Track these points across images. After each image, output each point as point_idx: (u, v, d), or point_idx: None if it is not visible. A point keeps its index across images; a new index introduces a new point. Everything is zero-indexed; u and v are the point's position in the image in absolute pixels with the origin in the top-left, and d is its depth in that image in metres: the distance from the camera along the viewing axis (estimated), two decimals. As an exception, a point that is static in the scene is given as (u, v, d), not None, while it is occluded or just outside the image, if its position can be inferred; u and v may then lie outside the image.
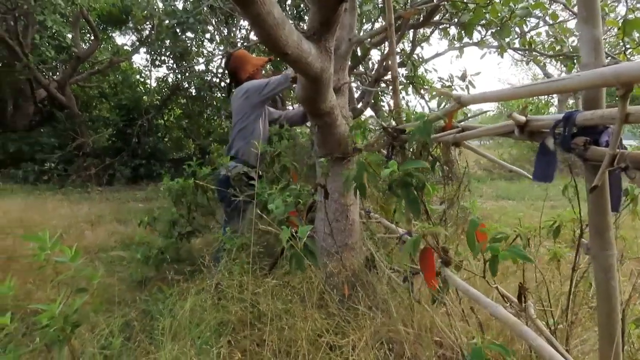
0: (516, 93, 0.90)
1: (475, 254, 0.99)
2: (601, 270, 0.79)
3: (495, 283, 1.14)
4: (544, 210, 2.26)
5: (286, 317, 1.86)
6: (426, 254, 1.07)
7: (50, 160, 8.83)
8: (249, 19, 1.41)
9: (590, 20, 0.74)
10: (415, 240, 1.03)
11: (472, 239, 0.97)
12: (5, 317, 1.60)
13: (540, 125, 0.87)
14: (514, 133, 0.94)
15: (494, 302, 1.10)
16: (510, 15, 3.81)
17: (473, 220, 0.98)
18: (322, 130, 2.31)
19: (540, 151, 0.82)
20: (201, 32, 8.16)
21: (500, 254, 0.93)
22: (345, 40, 2.47)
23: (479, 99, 0.99)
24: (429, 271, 1.09)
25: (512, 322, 0.98)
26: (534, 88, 0.82)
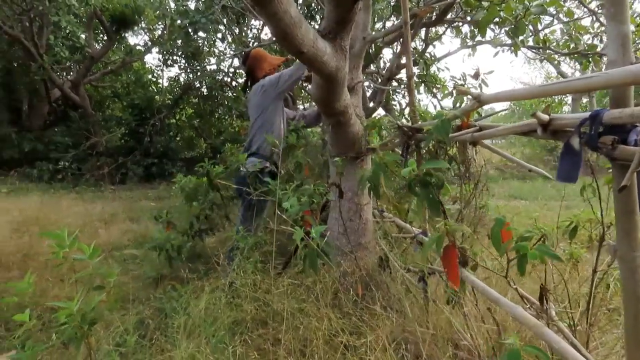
0: (542, 91, 0.89)
1: (501, 254, 0.97)
2: (629, 271, 0.78)
3: (515, 284, 1.12)
4: (557, 211, 2.23)
5: (301, 317, 1.86)
6: (449, 253, 1.06)
7: (64, 159, 8.95)
8: (265, 18, 1.41)
9: (618, 17, 0.72)
10: (438, 238, 1.02)
11: (497, 238, 0.96)
12: (24, 314, 1.62)
13: (564, 123, 0.86)
14: (536, 132, 0.93)
15: (514, 304, 1.08)
16: (525, 12, 3.76)
17: (499, 219, 0.97)
18: (336, 129, 2.31)
19: (564, 151, 0.80)
20: (213, 32, 8.20)
21: (529, 253, 0.91)
22: (359, 39, 2.46)
23: (500, 97, 0.97)
24: (452, 270, 1.07)
25: (533, 323, 0.97)
26: (562, 86, 0.80)
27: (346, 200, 2.38)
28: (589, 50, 4.61)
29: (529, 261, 1.04)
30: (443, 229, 1.02)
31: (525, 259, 0.93)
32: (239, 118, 10.27)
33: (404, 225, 2.29)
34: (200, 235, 3.41)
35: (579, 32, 4.87)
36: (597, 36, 5.35)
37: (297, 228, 1.75)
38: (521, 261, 0.93)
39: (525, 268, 0.93)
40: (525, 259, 0.93)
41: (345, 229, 2.31)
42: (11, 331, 2.37)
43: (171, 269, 3.13)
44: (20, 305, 2.39)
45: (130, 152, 9.66)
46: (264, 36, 8.64)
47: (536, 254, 0.91)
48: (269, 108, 2.97)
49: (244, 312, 1.99)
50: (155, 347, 1.97)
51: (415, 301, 1.99)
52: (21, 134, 9.57)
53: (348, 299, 1.98)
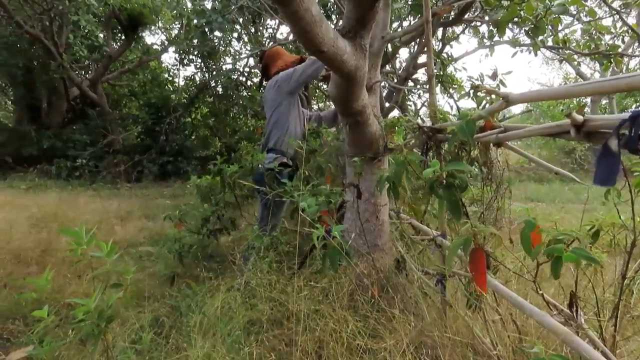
0: (577, 91, 0.85)
1: (533, 257, 0.94)
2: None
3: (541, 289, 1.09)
4: (575, 214, 2.18)
5: (317, 318, 1.84)
6: (477, 256, 1.02)
7: (82, 157, 9.08)
8: (286, 16, 1.40)
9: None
10: (465, 241, 0.99)
11: (527, 240, 0.92)
12: (43, 311, 1.64)
13: (600, 125, 0.82)
14: (567, 133, 0.89)
15: (540, 310, 1.05)
16: (546, 12, 3.69)
17: (529, 221, 0.93)
18: (353, 129, 2.28)
19: (602, 153, 0.77)
20: (229, 32, 8.23)
21: (564, 256, 0.87)
22: (378, 38, 2.43)
23: (530, 97, 0.94)
24: (480, 274, 1.04)
25: (561, 331, 0.93)
26: (598, 86, 0.77)
27: (362, 201, 2.36)
28: (611, 51, 4.51)
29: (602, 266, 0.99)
30: (470, 231, 0.99)
31: (560, 262, 0.89)
32: (254, 117, 10.31)
33: (421, 226, 2.26)
34: (215, 234, 3.42)
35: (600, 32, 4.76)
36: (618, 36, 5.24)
37: (319, 226, 1.73)
38: (555, 264, 0.89)
39: (559, 271, 0.90)
40: (560, 261, 0.89)
41: (363, 229, 2.29)
42: (29, 326, 2.40)
43: (183, 267, 3.14)
44: (38, 300, 2.43)
45: (146, 150, 9.77)
46: (280, 36, 8.65)
47: (573, 256, 0.87)
48: (282, 104, 2.96)
49: (260, 312, 1.98)
50: (170, 345, 1.97)
51: (433, 304, 1.95)
52: (40, 131, 9.74)
53: (365, 301, 1.96)
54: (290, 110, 2.96)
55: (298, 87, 2.97)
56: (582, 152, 13.83)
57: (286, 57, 3.19)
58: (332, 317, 1.82)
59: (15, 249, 3.55)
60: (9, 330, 2.43)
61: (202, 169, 9.15)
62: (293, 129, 2.93)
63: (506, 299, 1.20)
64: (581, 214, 2.14)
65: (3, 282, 2.96)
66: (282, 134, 2.90)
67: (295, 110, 3.00)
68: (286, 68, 3.09)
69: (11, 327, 2.44)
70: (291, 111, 2.96)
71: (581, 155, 13.80)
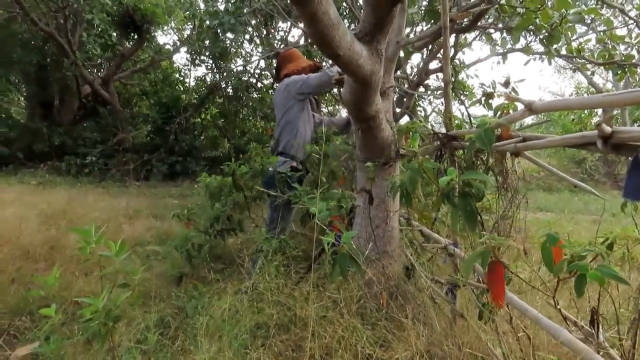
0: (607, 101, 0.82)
1: (556, 274, 0.91)
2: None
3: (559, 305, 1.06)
4: (585, 225, 2.14)
5: (324, 324, 1.82)
6: (496, 268, 0.99)
7: (91, 154, 9.14)
8: (304, 19, 1.38)
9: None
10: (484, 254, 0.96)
11: (549, 255, 0.89)
12: (50, 309, 1.63)
13: (629, 137, 0.80)
14: (593, 145, 0.87)
15: (558, 325, 1.02)
16: (561, 20, 3.65)
17: (551, 235, 0.90)
18: (366, 134, 2.26)
19: (633, 166, 0.74)
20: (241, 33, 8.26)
21: (589, 273, 0.84)
22: (393, 43, 2.41)
23: (554, 106, 0.91)
24: (498, 288, 1.01)
25: (581, 349, 0.90)
26: (629, 96, 0.74)
27: (373, 207, 2.33)
28: (626, 61, 4.45)
29: (630, 285, 0.96)
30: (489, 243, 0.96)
31: (585, 280, 0.86)
32: (263, 119, 10.32)
33: (432, 234, 2.23)
34: (222, 235, 3.40)
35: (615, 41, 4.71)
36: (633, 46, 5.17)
37: (329, 231, 1.71)
38: (580, 282, 0.86)
39: (583, 290, 0.86)
40: (585, 279, 0.86)
41: (373, 235, 2.26)
42: (36, 322, 2.40)
43: (192, 267, 3.13)
44: (45, 297, 2.43)
45: (155, 149, 9.81)
46: (291, 38, 8.67)
47: (598, 274, 0.84)
48: (293, 108, 2.95)
49: (267, 316, 1.96)
50: (176, 347, 1.96)
51: (442, 314, 1.92)
52: (51, 128, 9.82)
53: (373, 309, 1.93)
54: (300, 114, 2.96)
55: (307, 95, 2.97)
56: (592, 162, 13.68)
57: (299, 60, 3.17)
58: (340, 323, 1.79)
59: (25, 245, 3.57)
60: (16, 326, 2.43)
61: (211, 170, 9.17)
62: (303, 133, 2.92)
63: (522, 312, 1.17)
64: (590, 225, 2.10)
65: (11, 277, 2.97)
66: (291, 138, 2.90)
67: (305, 114, 2.99)
68: (297, 72, 3.08)
69: (18, 323, 2.44)
70: (301, 115, 2.96)
71: (591, 166, 13.65)
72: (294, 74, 3.05)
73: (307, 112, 3.02)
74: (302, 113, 2.97)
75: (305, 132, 2.93)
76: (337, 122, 3.25)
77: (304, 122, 2.96)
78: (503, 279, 1.00)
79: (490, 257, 0.96)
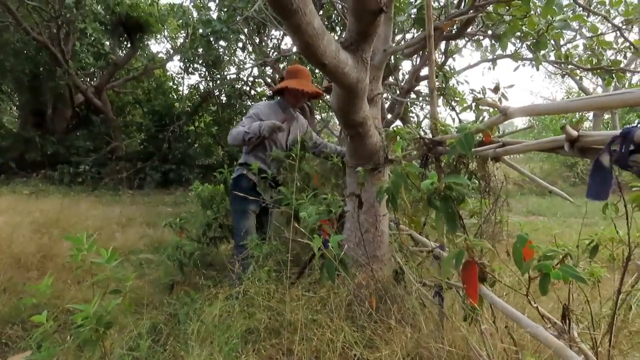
0: (573, 106, 0.86)
1: (523, 272, 0.95)
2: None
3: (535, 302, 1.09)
4: (577, 228, 2.18)
5: (314, 327, 1.84)
6: (469, 269, 1.03)
7: (84, 163, 9.13)
8: (289, 29, 1.42)
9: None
10: (458, 253, 1.00)
11: (519, 255, 0.93)
12: (42, 316, 1.64)
13: (593, 140, 0.84)
14: (562, 148, 0.91)
15: (535, 323, 1.05)
16: (548, 27, 3.73)
17: (521, 236, 0.94)
18: (354, 140, 2.30)
19: (594, 168, 0.78)
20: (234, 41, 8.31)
21: (552, 273, 0.89)
22: (380, 51, 2.46)
23: (528, 111, 0.95)
24: (472, 286, 1.05)
25: (555, 344, 0.94)
26: (592, 101, 0.79)
27: (363, 212, 2.37)
28: (612, 66, 4.54)
29: (588, 284, 1.00)
30: (463, 244, 1.00)
31: (548, 279, 0.90)
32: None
33: (421, 238, 2.27)
34: (215, 242, 3.43)
35: (602, 47, 4.80)
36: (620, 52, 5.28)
37: (316, 236, 1.74)
38: (543, 280, 0.91)
39: (547, 288, 0.91)
40: (548, 278, 0.90)
41: (361, 240, 2.29)
42: (28, 331, 2.41)
43: (183, 275, 3.15)
44: (37, 306, 2.43)
45: (149, 157, 9.81)
46: (284, 46, 8.73)
47: (559, 274, 0.88)
48: None
49: (257, 320, 1.98)
50: (168, 353, 1.98)
51: (431, 316, 1.95)
52: (44, 137, 9.80)
53: (362, 312, 1.96)
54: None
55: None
56: (584, 166, 13.82)
57: (302, 82, 3.03)
58: (329, 327, 1.82)
59: (17, 254, 3.56)
60: (8, 335, 2.43)
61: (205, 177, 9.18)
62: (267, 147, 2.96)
63: (502, 311, 1.20)
64: (583, 228, 2.15)
65: (3, 286, 2.97)
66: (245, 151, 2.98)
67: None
68: (274, 91, 3.14)
69: (10, 332, 2.44)
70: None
71: (583, 170, 13.79)
72: (288, 92, 3.03)
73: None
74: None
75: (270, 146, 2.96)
76: (330, 148, 3.23)
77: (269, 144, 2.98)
78: (477, 278, 1.04)
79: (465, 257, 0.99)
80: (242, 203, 2.78)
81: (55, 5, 8.32)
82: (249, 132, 2.78)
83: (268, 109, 3.02)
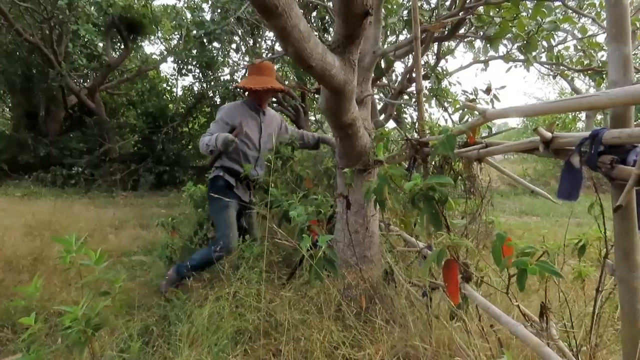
0: (542, 109, 0.89)
1: (501, 269, 0.97)
2: (627, 292, 0.77)
3: (517, 301, 1.11)
4: (569, 228, 2.22)
5: (302, 328, 1.86)
6: (450, 267, 1.05)
7: (78, 165, 9.08)
8: (274, 32, 1.44)
9: (619, 38, 0.73)
10: (439, 253, 1.02)
11: (498, 253, 0.95)
12: (30, 318, 1.65)
13: (566, 142, 0.86)
14: (538, 149, 0.93)
15: (515, 321, 1.07)
16: (538, 29, 3.77)
17: (500, 234, 0.96)
18: (344, 141, 2.32)
19: (565, 169, 0.80)
20: (227, 43, 8.31)
21: (528, 268, 0.90)
22: (369, 53, 2.48)
23: (504, 113, 0.97)
24: (452, 285, 1.07)
25: (533, 342, 0.96)
26: (561, 104, 0.81)
27: (352, 213, 2.39)
28: (603, 68, 4.58)
29: (538, 279, 1.03)
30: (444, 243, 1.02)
31: (525, 275, 0.92)
32: (251, 128, 10.32)
33: (410, 239, 2.29)
34: (208, 242, 3.44)
35: (592, 48, 4.84)
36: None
37: (305, 236, 1.75)
38: (521, 276, 0.93)
39: (524, 284, 0.93)
40: (525, 274, 0.92)
41: (351, 241, 2.31)
42: (18, 334, 2.40)
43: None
44: (28, 308, 2.43)
45: (142, 159, 9.77)
46: (278, 47, 8.74)
47: (535, 269, 0.90)
48: None
49: (248, 321, 1.99)
50: (158, 355, 1.98)
51: (420, 316, 1.97)
52: (37, 139, 9.74)
53: (351, 312, 1.98)
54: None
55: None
56: (577, 167, 13.85)
57: (248, 80, 3.05)
58: (318, 327, 1.83)
59: (8, 256, 3.55)
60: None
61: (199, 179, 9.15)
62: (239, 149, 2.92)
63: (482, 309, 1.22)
64: (575, 228, 2.17)
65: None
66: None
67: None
68: (252, 91, 3.04)
69: (0, 335, 2.44)
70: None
71: (576, 170, 13.81)
72: (250, 91, 3.03)
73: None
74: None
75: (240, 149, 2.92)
76: (308, 139, 3.21)
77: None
78: (457, 277, 1.05)
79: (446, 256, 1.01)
80: (220, 200, 2.79)
81: (48, 6, 8.28)
82: (209, 145, 2.79)
83: (235, 110, 2.99)
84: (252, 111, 3.03)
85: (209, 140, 2.79)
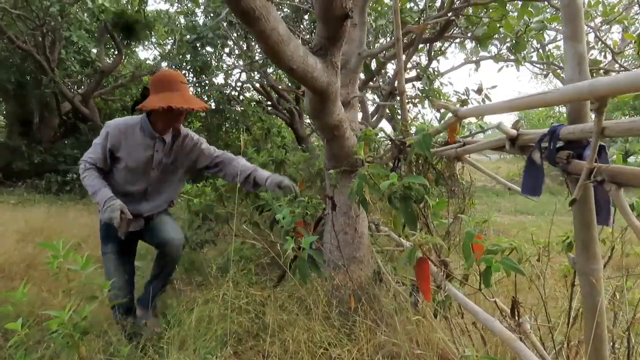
0: (507, 106, 0.91)
1: (469, 265, 0.99)
2: (587, 284, 0.78)
3: (493, 296, 1.13)
4: (563, 226, 2.23)
5: (290, 329, 1.87)
6: (421, 264, 1.08)
7: (72, 172, 9.06)
8: (254, 36, 1.46)
9: (574, 37, 0.74)
10: (411, 251, 1.04)
11: (467, 249, 0.98)
12: (17, 323, 1.65)
13: (530, 139, 0.88)
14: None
15: (492, 317, 1.09)
16: (525, 29, 3.80)
17: (469, 232, 0.98)
18: (331, 143, 2.33)
19: (528, 165, 0.82)
20: (220, 47, 8.32)
21: (493, 265, 0.93)
22: (354, 55, 2.50)
23: (475, 112, 0.99)
24: (424, 281, 1.09)
25: (506, 336, 0.97)
26: (520, 102, 0.82)
27: (340, 214, 2.40)
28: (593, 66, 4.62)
29: (526, 275, 1.05)
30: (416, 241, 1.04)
31: (490, 271, 0.94)
32: (246, 132, 10.35)
33: (397, 238, 2.30)
34: (202, 246, 3.45)
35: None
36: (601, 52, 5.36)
37: (289, 238, 1.77)
38: (486, 273, 0.95)
39: (490, 280, 0.95)
40: (490, 271, 0.94)
41: (338, 242, 2.32)
42: (8, 340, 2.39)
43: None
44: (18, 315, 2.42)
45: (137, 164, 9.75)
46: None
47: (499, 266, 0.92)
48: None
49: (237, 324, 2.00)
50: (147, 358, 1.99)
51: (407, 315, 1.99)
52: (31, 146, 9.72)
53: (339, 313, 1.99)
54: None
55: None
56: (571, 165, 13.91)
57: (152, 98, 2.21)
58: (305, 328, 1.85)
59: (1, 264, 3.55)
60: (-13, 344, 2.42)
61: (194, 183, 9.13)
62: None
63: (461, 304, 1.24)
64: (569, 226, 2.18)
65: (-16, 296, 2.95)
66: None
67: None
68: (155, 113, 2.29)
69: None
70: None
71: (571, 168, 13.87)
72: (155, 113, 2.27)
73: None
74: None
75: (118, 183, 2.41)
76: (234, 169, 2.46)
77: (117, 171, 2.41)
78: (429, 274, 1.07)
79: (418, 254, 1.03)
80: (104, 245, 2.47)
81: (40, 13, 8.29)
82: (92, 194, 2.29)
83: (125, 133, 2.31)
84: (147, 137, 2.30)
85: (92, 189, 2.28)
